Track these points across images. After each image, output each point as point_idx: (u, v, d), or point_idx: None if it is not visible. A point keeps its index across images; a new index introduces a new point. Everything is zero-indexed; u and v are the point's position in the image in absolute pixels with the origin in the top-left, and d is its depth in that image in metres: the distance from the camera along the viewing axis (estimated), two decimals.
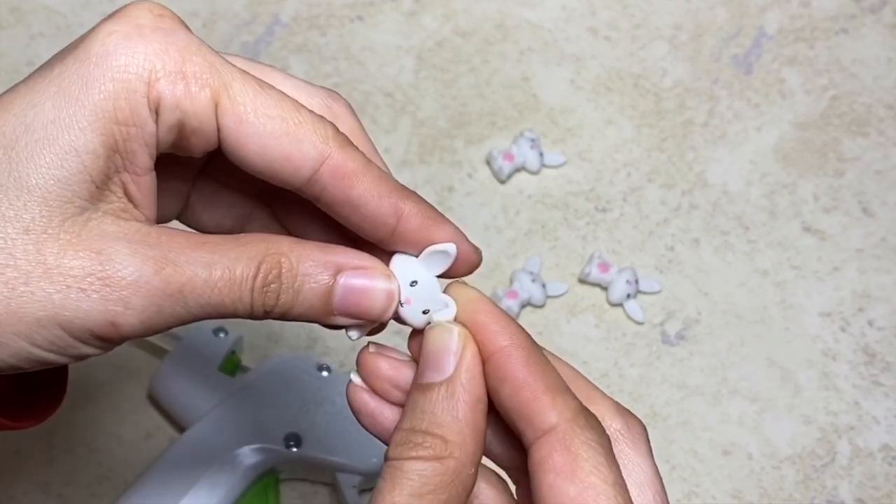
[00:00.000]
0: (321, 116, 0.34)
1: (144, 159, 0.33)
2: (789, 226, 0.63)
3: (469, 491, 0.33)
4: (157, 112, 0.33)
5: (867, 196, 0.64)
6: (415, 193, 0.35)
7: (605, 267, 0.61)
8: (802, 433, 0.58)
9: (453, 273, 0.36)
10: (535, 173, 0.64)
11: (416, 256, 0.36)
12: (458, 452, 0.32)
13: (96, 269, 0.32)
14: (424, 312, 0.36)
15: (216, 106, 0.33)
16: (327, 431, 0.53)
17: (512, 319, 0.35)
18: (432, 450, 0.32)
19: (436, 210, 0.36)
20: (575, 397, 0.34)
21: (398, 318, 0.36)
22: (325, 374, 0.55)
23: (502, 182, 0.64)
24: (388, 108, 0.65)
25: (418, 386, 0.34)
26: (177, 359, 0.56)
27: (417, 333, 0.36)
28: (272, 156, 0.33)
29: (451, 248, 0.35)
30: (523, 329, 0.35)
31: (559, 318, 0.60)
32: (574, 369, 0.37)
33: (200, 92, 0.33)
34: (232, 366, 0.56)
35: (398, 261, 0.36)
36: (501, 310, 0.35)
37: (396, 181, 0.35)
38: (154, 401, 0.57)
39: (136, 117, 0.32)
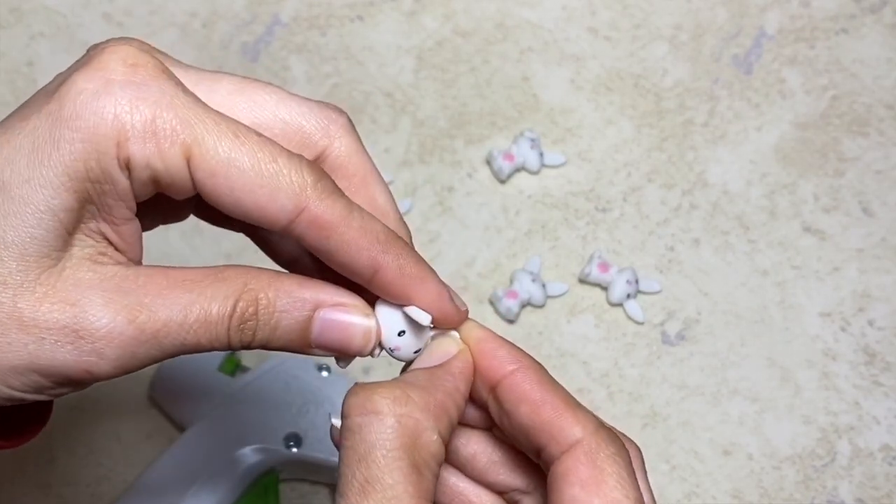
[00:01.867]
0: (303, 160, 0.34)
1: (122, 211, 0.34)
2: (789, 226, 0.63)
3: (434, 460, 0.33)
4: (129, 169, 0.33)
5: (867, 196, 0.64)
6: (401, 244, 0.35)
7: (605, 267, 0.61)
8: (802, 433, 0.58)
9: (441, 326, 0.36)
10: (535, 173, 0.64)
11: (397, 308, 0.35)
12: (418, 413, 0.33)
13: (70, 322, 0.32)
14: (416, 352, 0.36)
15: (188, 160, 0.33)
16: (327, 431, 0.53)
17: (516, 346, 0.35)
18: (393, 404, 0.32)
19: (420, 265, 0.35)
20: (592, 413, 0.34)
21: (394, 357, 0.36)
22: (324, 374, 0.55)
23: (502, 182, 0.64)
24: (388, 108, 0.65)
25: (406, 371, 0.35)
26: (176, 359, 0.55)
27: None
28: (248, 207, 0.33)
29: (424, 319, 0.35)
30: (528, 354, 0.35)
31: (559, 318, 0.60)
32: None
33: (171, 149, 0.33)
34: (232, 366, 0.56)
35: (382, 310, 0.35)
36: (504, 339, 0.35)
37: (383, 229, 0.35)
38: (154, 401, 0.57)
39: (107, 176, 0.33)
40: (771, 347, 0.60)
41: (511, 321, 0.60)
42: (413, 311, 0.35)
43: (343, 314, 0.35)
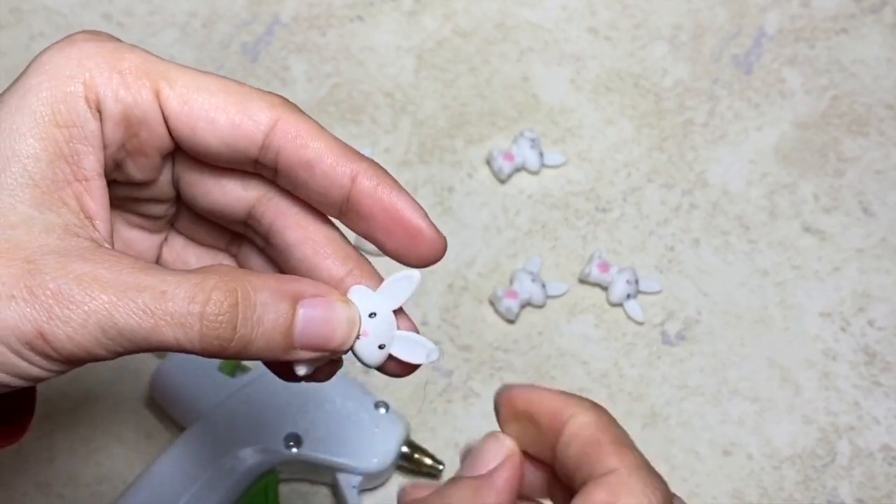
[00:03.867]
0: (265, 91, 0.34)
1: (90, 161, 0.33)
2: (789, 226, 0.63)
3: None
4: (98, 110, 0.33)
5: (867, 196, 0.64)
6: (370, 160, 0.35)
7: (605, 267, 0.61)
8: (802, 433, 0.58)
9: (421, 259, 0.35)
10: (535, 173, 0.64)
11: (374, 291, 0.35)
12: None
13: (25, 278, 0.31)
14: (381, 347, 0.35)
15: (157, 94, 0.33)
16: (327, 431, 0.53)
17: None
18: None
19: (391, 176, 0.35)
20: (642, 455, 0.33)
21: (353, 352, 0.35)
22: None
23: (502, 182, 0.64)
24: (388, 108, 0.65)
25: (451, 479, 0.34)
26: (176, 359, 0.56)
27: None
28: (223, 128, 0.33)
29: (415, 275, 0.35)
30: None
31: (559, 318, 0.60)
32: None
33: (138, 81, 0.33)
34: (232, 366, 0.56)
35: (355, 291, 0.35)
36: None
37: (352, 147, 0.35)
38: (154, 401, 0.57)
39: (75, 117, 0.33)
40: (771, 347, 0.60)
41: (511, 321, 0.60)
42: (401, 273, 0.35)
43: (325, 307, 0.34)
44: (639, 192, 0.64)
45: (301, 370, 0.34)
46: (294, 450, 0.53)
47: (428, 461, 0.55)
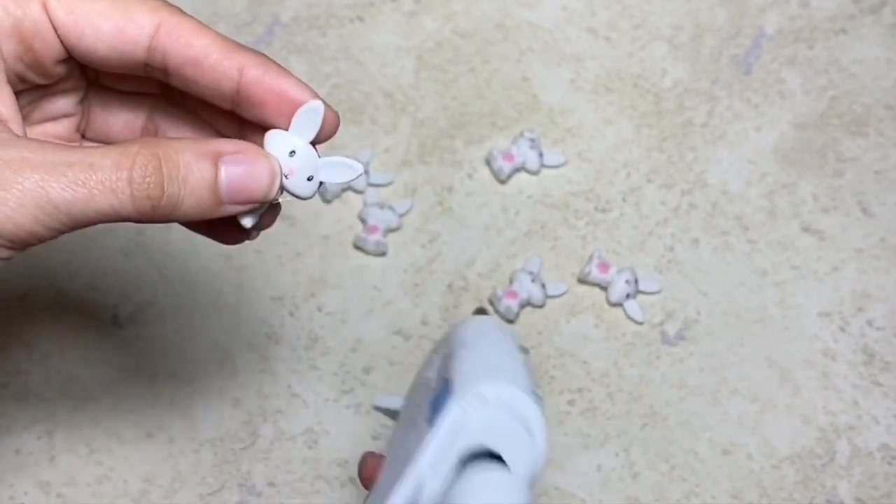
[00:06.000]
0: None
1: None
2: (789, 226, 0.63)
3: None
4: None
5: (867, 196, 0.64)
6: (255, 51, 0.37)
7: (604, 267, 0.61)
8: (802, 433, 0.58)
9: (322, 136, 0.37)
10: (535, 173, 0.64)
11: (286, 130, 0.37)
12: None
13: None
14: (309, 179, 0.37)
15: (45, 6, 0.35)
16: None
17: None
18: None
19: (277, 63, 0.37)
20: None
21: (287, 191, 0.37)
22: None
23: (502, 182, 0.64)
24: (388, 108, 0.65)
25: None
26: None
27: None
28: (109, 34, 0.35)
29: (317, 104, 0.36)
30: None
31: (559, 318, 0.60)
32: None
33: None
34: None
35: (270, 136, 0.37)
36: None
37: (236, 42, 0.37)
38: (154, 401, 0.57)
39: None
40: (770, 347, 0.60)
41: (511, 321, 0.60)
42: (304, 106, 0.36)
43: (245, 162, 0.36)
44: (638, 193, 0.64)
45: (246, 221, 0.37)
46: None
47: None
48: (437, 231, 0.62)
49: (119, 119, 0.41)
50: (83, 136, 0.41)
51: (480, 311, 0.56)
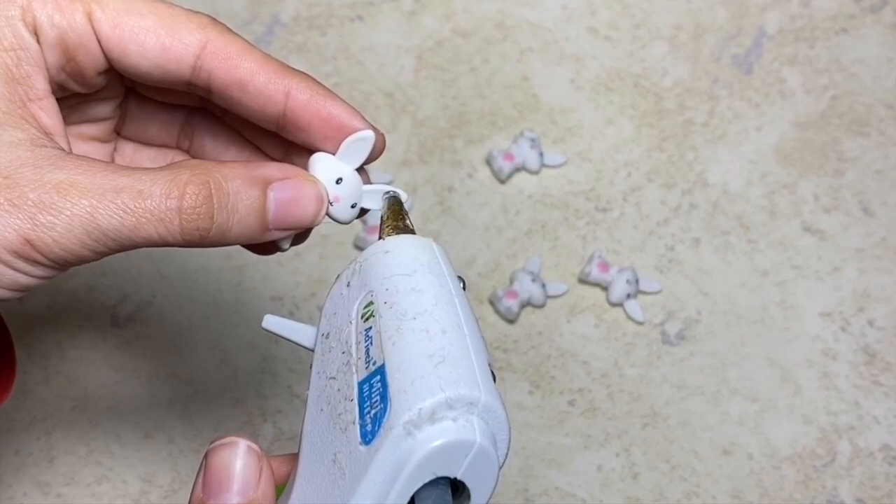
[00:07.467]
0: (195, 12, 0.36)
1: (40, 81, 0.34)
2: (789, 226, 0.63)
3: None
4: (36, 34, 0.34)
5: (867, 196, 0.64)
6: (303, 73, 0.36)
7: (605, 267, 0.61)
8: (802, 433, 0.58)
9: (368, 160, 0.37)
10: (535, 173, 0.64)
11: (334, 155, 0.37)
12: None
13: (3, 192, 0.32)
14: (353, 207, 0.37)
15: (90, 17, 0.34)
16: None
17: None
18: None
19: (324, 86, 0.36)
20: None
21: (330, 217, 0.37)
22: None
23: (502, 182, 0.64)
24: (388, 108, 0.65)
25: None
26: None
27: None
28: (154, 51, 0.35)
29: (368, 134, 0.36)
30: None
31: (559, 318, 0.60)
32: None
33: (71, 6, 0.34)
34: None
35: (317, 160, 0.37)
36: None
37: (284, 63, 0.36)
38: (154, 401, 0.57)
39: (20, 40, 0.34)
40: (771, 347, 0.60)
41: (511, 321, 0.60)
42: (355, 135, 0.36)
43: (293, 188, 0.36)
44: (639, 192, 0.64)
45: (285, 245, 0.37)
46: None
47: None
48: (437, 231, 0.62)
49: (156, 122, 0.40)
50: (119, 135, 0.41)
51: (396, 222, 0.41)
